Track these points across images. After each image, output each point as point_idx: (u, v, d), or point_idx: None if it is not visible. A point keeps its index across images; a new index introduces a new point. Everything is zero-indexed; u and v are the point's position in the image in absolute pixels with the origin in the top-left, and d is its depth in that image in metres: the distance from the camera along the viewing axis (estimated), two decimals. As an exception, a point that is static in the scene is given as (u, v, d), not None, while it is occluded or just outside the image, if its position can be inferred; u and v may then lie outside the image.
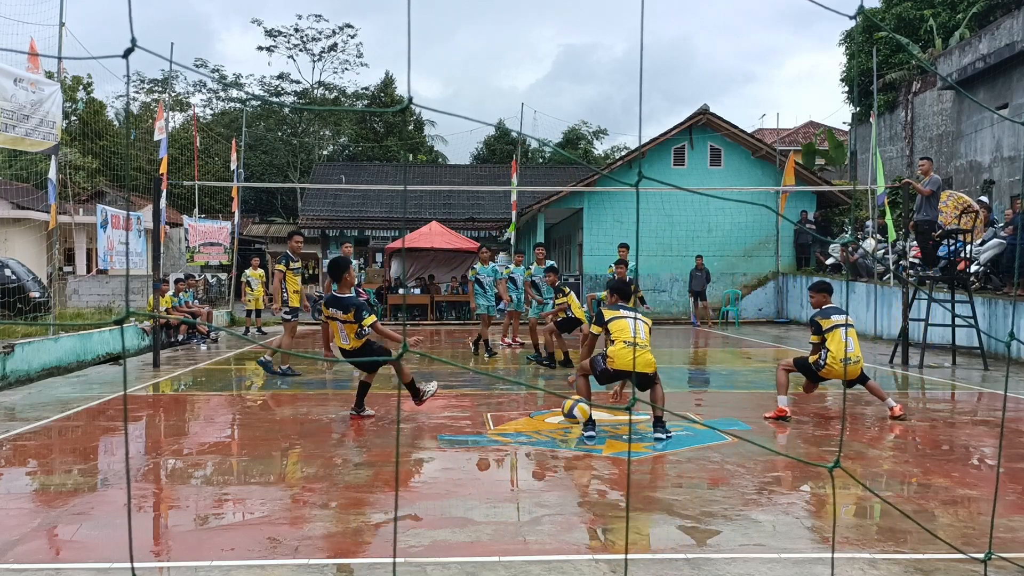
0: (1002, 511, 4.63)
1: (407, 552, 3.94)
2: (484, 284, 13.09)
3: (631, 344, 6.47)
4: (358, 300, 7.25)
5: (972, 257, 13.09)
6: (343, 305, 7.11)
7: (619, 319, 6.75)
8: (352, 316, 7.05)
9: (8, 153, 17.64)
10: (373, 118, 45.57)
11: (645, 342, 6.72)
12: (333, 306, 7.18)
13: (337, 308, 7.14)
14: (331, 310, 7.19)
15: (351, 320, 7.07)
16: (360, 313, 7.06)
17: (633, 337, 6.51)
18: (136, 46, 1.46)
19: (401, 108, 1.66)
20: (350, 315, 7.06)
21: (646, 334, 6.81)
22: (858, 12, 2.07)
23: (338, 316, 7.13)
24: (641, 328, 6.73)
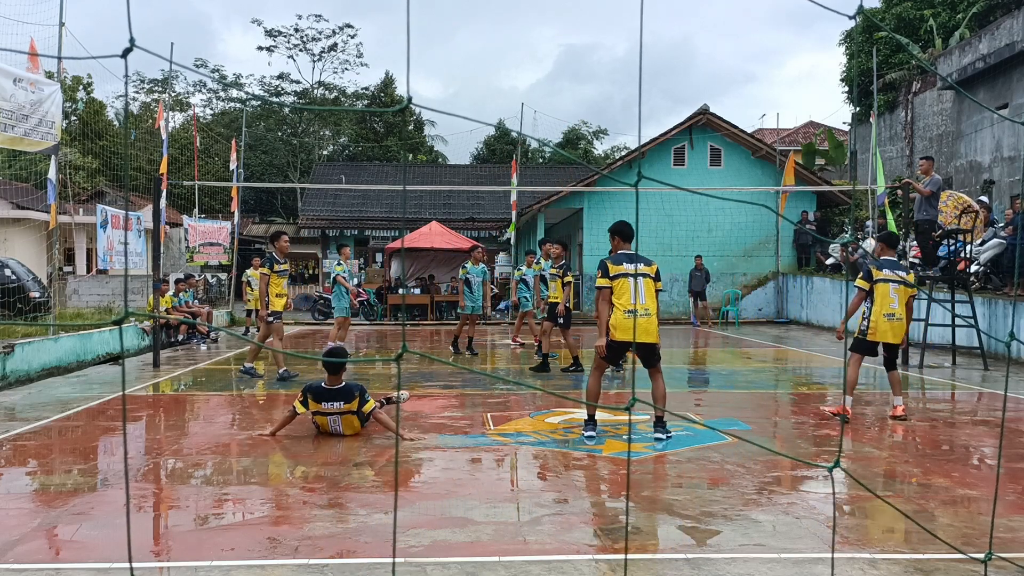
0: (1002, 511, 4.63)
1: (407, 552, 3.94)
2: (472, 284, 13.10)
3: (631, 313, 6.31)
4: (358, 384, 6.71)
5: (972, 257, 13.09)
6: (344, 393, 6.51)
7: (622, 277, 6.44)
8: (356, 403, 6.52)
9: (8, 153, 17.64)
10: (373, 118, 45.57)
11: (647, 307, 6.40)
12: (330, 399, 6.50)
13: (336, 400, 6.50)
14: (325, 404, 6.50)
15: (353, 410, 6.52)
16: (364, 396, 6.59)
17: (633, 304, 6.35)
18: (135, 46, 1.46)
19: (401, 108, 1.66)
20: (354, 403, 6.51)
21: (648, 297, 6.45)
22: (858, 12, 2.07)
23: (334, 409, 6.50)
24: (643, 290, 6.42)
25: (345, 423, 6.57)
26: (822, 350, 14.04)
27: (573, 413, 7.68)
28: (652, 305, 6.48)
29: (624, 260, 6.64)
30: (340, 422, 6.57)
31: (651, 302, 6.48)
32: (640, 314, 6.38)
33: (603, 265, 6.60)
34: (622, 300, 6.45)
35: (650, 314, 6.45)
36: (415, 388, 9.40)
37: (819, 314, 19.10)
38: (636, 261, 6.60)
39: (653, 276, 6.59)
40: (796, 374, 11.38)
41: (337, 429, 6.60)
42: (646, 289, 6.49)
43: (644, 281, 6.50)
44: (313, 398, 6.54)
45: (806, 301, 19.98)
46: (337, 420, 6.56)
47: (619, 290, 6.50)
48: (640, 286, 6.47)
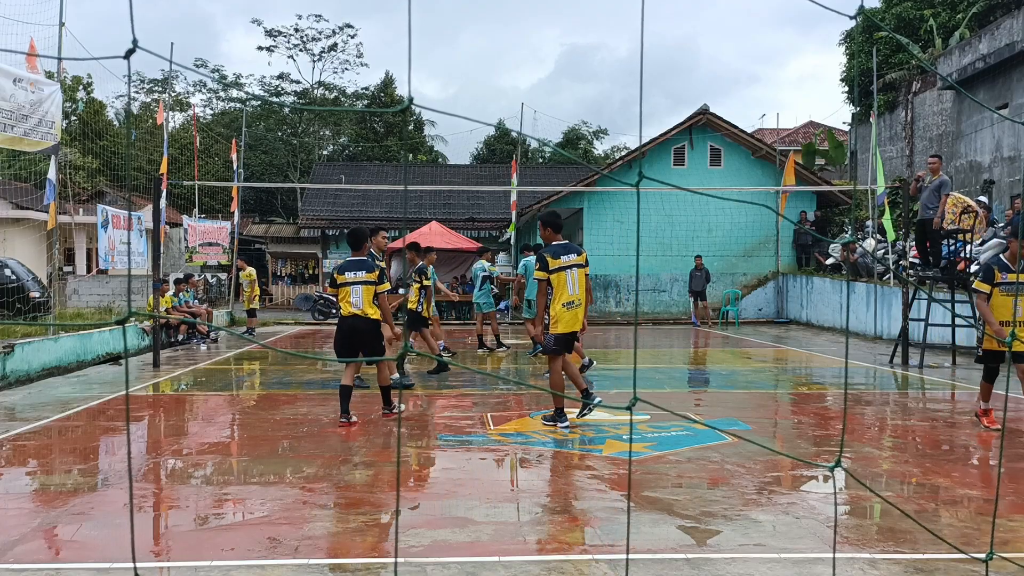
0: (1002, 511, 4.63)
1: (407, 552, 3.94)
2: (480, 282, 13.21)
3: (569, 305, 6.83)
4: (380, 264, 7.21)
5: (972, 257, 13.09)
6: (367, 265, 7.09)
7: (560, 271, 6.86)
8: (376, 276, 7.05)
9: (8, 153, 17.64)
10: (373, 118, 45.56)
11: (580, 297, 6.85)
12: (352, 269, 7.08)
13: (359, 269, 7.05)
14: (348, 274, 7.07)
15: (373, 280, 7.02)
16: (383, 276, 7.09)
17: (572, 295, 6.82)
18: (137, 47, 1.46)
19: (401, 108, 1.66)
20: (374, 275, 7.04)
21: (580, 288, 6.91)
22: (858, 12, 2.07)
23: (357, 278, 7.01)
24: (577, 281, 6.88)
25: (365, 297, 7.00)
26: (822, 350, 14.05)
27: (573, 413, 7.68)
28: (582, 294, 6.95)
29: (561, 252, 6.97)
30: (360, 294, 6.99)
31: (582, 292, 6.94)
32: (575, 304, 6.85)
33: (542, 258, 6.90)
34: (561, 294, 6.85)
35: (581, 304, 6.92)
36: (416, 388, 9.40)
37: (819, 314, 19.11)
38: (569, 252, 6.99)
39: (583, 264, 7.01)
40: (796, 374, 11.38)
41: (358, 302, 7.00)
42: (579, 280, 6.92)
43: (578, 272, 6.92)
44: (338, 272, 7.18)
45: (806, 301, 19.98)
46: (358, 291, 7.00)
47: (558, 283, 6.88)
48: (576, 277, 6.88)
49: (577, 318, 6.89)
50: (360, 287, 7.08)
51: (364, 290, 7.07)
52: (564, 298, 6.80)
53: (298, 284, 30.97)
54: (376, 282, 7.12)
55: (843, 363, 7.66)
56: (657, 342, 15.77)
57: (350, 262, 7.27)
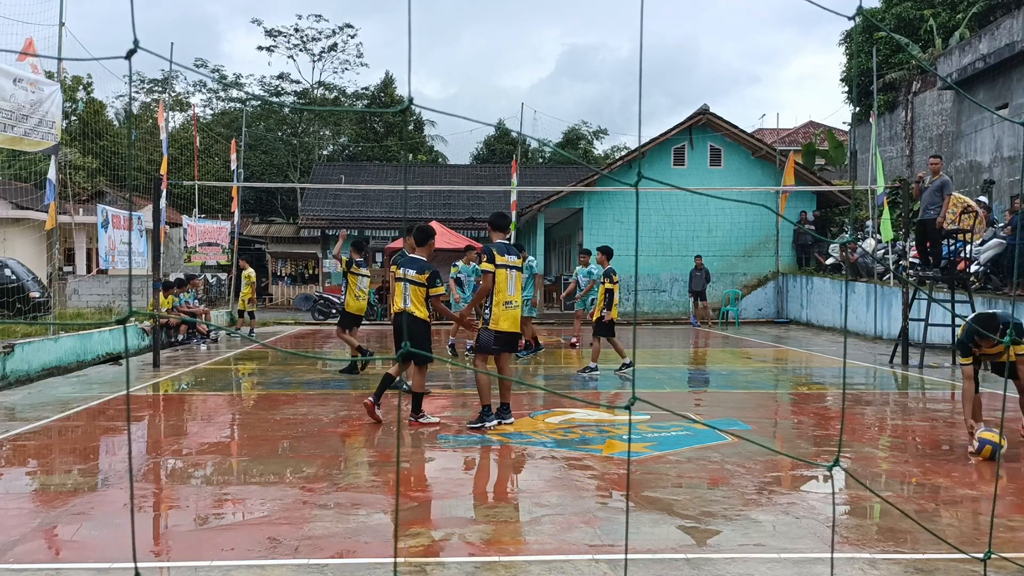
0: (1002, 511, 4.63)
1: (407, 552, 3.94)
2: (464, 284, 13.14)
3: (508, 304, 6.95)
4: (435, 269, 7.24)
5: (972, 257, 13.09)
6: (419, 265, 7.10)
7: (503, 268, 6.95)
8: (426, 279, 7.04)
9: (8, 153, 17.63)
10: (373, 118, 45.55)
11: (516, 298, 6.93)
12: (408, 266, 7.12)
13: (412, 268, 7.09)
14: (403, 270, 7.11)
15: (423, 283, 7.03)
16: (435, 279, 7.08)
17: (511, 295, 6.92)
18: (138, 47, 1.46)
19: (402, 109, 1.66)
20: (424, 276, 7.04)
21: (517, 289, 7.00)
22: (857, 12, 2.07)
23: (408, 276, 7.05)
24: (514, 283, 6.97)
25: (414, 295, 7.03)
26: (822, 350, 14.05)
27: (573, 413, 7.69)
28: (518, 296, 7.07)
29: (504, 251, 7.06)
30: (410, 292, 7.02)
31: (518, 294, 7.05)
32: (513, 305, 6.95)
33: (489, 251, 7.00)
34: (501, 292, 6.95)
35: (518, 305, 7.03)
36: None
37: (819, 314, 19.11)
38: (510, 252, 7.10)
39: (520, 268, 7.14)
40: (796, 374, 11.38)
41: (407, 300, 7.02)
42: (516, 281, 7.03)
43: (516, 274, 7.04)
44: (394, 262, 7.30)
45: (806, 301, 19.98)
46: (407, 288, 7.03)
47: (499, 281, 6.97)
48: (514, 278, 7.00)
49: (516, 319, 6.95)
50: (409, 286, 7.07)
51: (413, 289, 7.05)
52: (504, 297, 6.89)
53: (298, 284, 30.99)
54: (426, 284, 7.07)
55: (843, 363, 7.67)
56: (657, 342, 15.77)
57: (407, 258, 7.24)
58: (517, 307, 7.00)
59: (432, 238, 7.44)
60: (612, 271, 10.62)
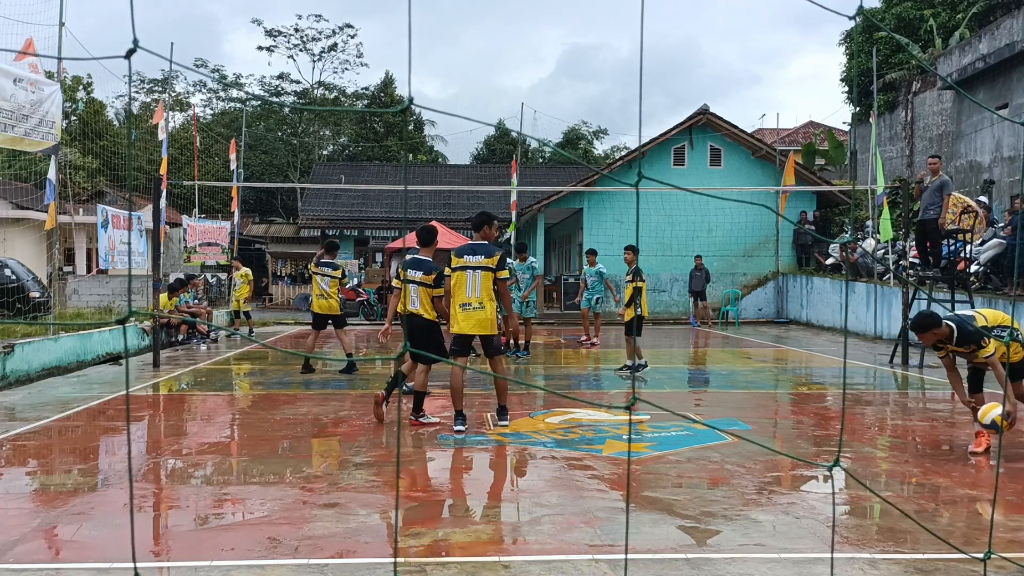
0: (1002, 511, 4.63)
1: (407, 552, 3.94)
2: None
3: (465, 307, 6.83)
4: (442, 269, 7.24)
5: (972, 257, 13.09)
6: (426, 267, 7.11)
7: (460, 270, 6.90)
8: (433, 280, 7.06)
9: (8, 153, 17.63)
10: (373, 118, 45.56)
11: (479, 300, 6.74)
12: (414, 267, 7.13)
13: (418, 269, 7.10)
14: (410, 272, 7.13)
15: (429, 284, 7.04)
16: (440, 280, 7.09)
17: (468, 297, 6.78)
18: (138, 47, 1.46)
19: (401, 109, 1.66)
20: (431, 277, 7.05)
21: (483, 291, 6.78)
22: (857, 12, 2.07)
23: (416, 278, 7.07)
24: (479, 284, 6.77)
25: (423, 298, 7.04)
26: (822, 350, 14.05)
27: (573, 413, 7.69)
28: (486, 298, 6.77)
29: (467, 252, 6.93)
30: (418, 295, 7.03)
31: (485, 295, 6.77)
32: (471, 307, 6.75)
33: (450, 255, 7.06)
34: (459, 294, 6.88)
35: (483, 307, 6.76)
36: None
37: (819, 314, 19.11)
38: (477, 253, 6.87)
39: (493, 268, 6.76)
40: (796, 374, 11.38)
41: (415, 303, 7.05)
42: (482, 282, 6.76)
43: (482, 275, 6.77)
44: (403, 267, 7.24)
45: (806, 301, 19.98)
46: (416, 291, 7.04)
47: (456, 283, 6.91)
48: (477, 279, 6.76)
49: (472, 320, 6.75)
50: (417, 287, 7.08)
51: (421, 291, 7.07)
52: (460, 299, 6.85)
53: (298, 284, 30.98)
54: (432, 285, 7.07)
55: (843, 363, 7.65)
56: (657, 342, 15.77)
57: (413, 260, 7.23)
58: (477, 309, 6.75)
59: (436, 238, 7.43)
60: (639, 269, 10.72)
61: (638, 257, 10.83)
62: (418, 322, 7.08)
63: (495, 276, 6.78)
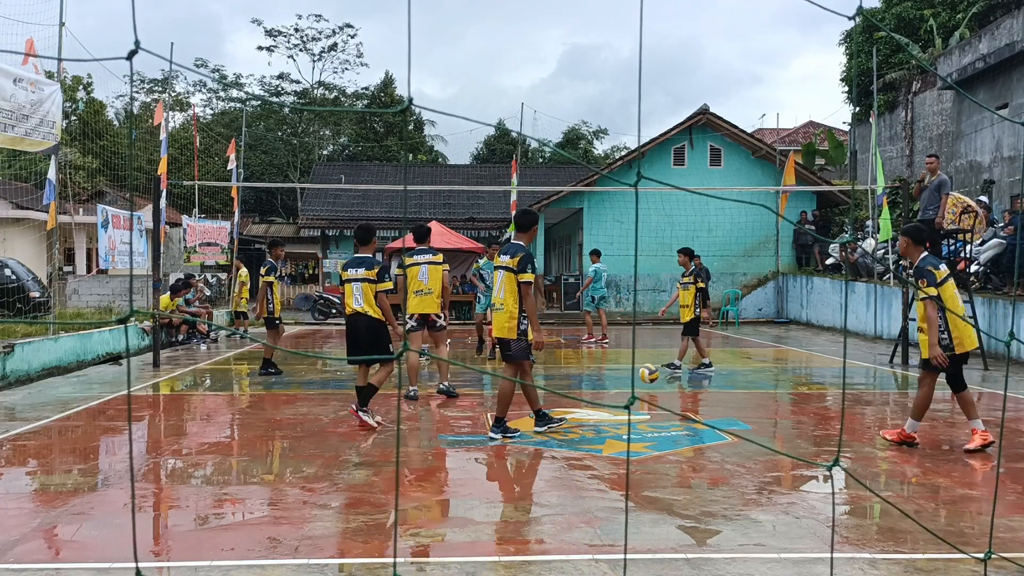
0: (1002, 511, 4.63)
1: (407, 552, 3.94)
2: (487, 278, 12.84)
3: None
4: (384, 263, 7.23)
5: (972, 257, 13.09)
6: (368, 263, 7.06)
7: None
8: (375, 274, 6.99)
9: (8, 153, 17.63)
10: (373, 118, 45.55)
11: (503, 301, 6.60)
12: (355, 266, 7.09)
13: (359, 267, 7.05)
14: (351, 270, 7.09)
15: (373, 279, 6.98)
16: (383, 275, 7.04)
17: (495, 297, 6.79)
18: (139, 48, 1.46)
19: (402, 109, 1.66)
20: (373, 272, 6.99)
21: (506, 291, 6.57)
22: (857, 12, 2.07)
23: (358, 276, 7.02)
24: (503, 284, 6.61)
25: (365, 295, 6.98)
26: (822, 350, 14.05)
27: (573, 413, 7.68)
28: (509, 299, 6.50)
29: (502, 251, 6.80)
30: (362, 293, 6.98)
31: (508, 296, 6.50)
32: (496, 308, 6.63)
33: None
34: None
35: (503, 308, 6.54)
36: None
37: (819, 314, 19.11)
38: (507, 252, 6.71)
39: (514, 268, 6.49)
40: (796, 374, 11.38)
41: (359, 300, 7.00)
42: (505, 283, 6.51)
43: (505, 275, 6.55)
44: (343, 267, 7.26)
45: (806, 301, 19.98)
46: (359, 288, 7.00)
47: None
48: (500, 279, 6.60)
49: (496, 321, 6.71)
50: (360, 284, 7.01)
51: (364, 288, 6.99)
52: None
53: (298, 284, 30.98)
54: (376, 280, 7.02)
55: (843, 363, 7.67)
56: (657, 342, 15.76)
57: (354, 258, 7.22)
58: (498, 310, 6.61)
59: (375, 236, 7.42)
60: (706, 269, 10.88)
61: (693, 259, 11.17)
62: (363, 321, 6.97)
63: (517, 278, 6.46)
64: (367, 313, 6.98)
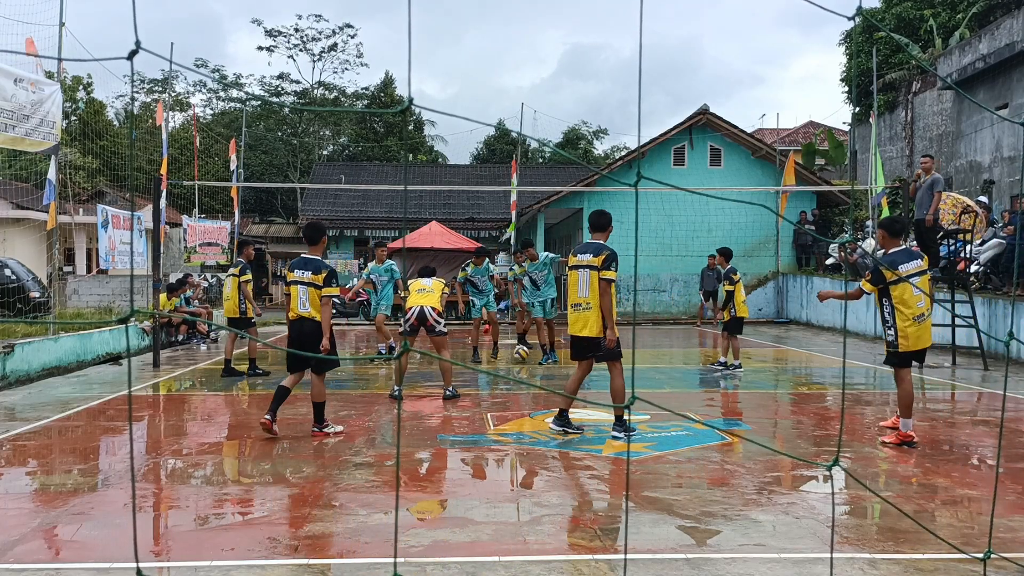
0: (1002, 511, 4.63)
1: (407, 552, 3.94)
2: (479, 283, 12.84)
3: (575, 307, 6.76)
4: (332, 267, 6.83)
5: (972, 257, 13.09)
6: (315, 266, 6.66)
7: (573, 269, 6.83)
8: (323, 279, 6.58)
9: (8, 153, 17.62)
10: (373, 118, 45.56)
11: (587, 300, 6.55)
12: (302, 268, 6.68)
13: (306, 269, 6.64)
14: (297, 272, 6.67)
15: (319, 284, 6.58)
16: (331, 279, 6.63)
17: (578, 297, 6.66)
18: (140, 48, 1.46)
19: (402, 110, 1.66)
20: (320, 276, 6.59)
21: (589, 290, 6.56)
22: (857, 13, 2.07)
23: (304, 279, 6.61)
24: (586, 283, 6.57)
25: (311, 299, 6.60)
26: (822, 350, 14.05)
27: (573, 413, 7.68)
28: (594, 298, 6.54)
29: (579, 251, 6.82)
30: (308, 296, 6.61)
31: (593, 295, 6.54)
32: (582, 308, 6.61)
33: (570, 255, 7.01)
34: (570, 294, 6.82)
35: (590, 307, 6.56)
36: (416, 388, 9.40)
37: (819, 314, 19.11)
38: (587, 251, 6.73)
39: (598, 266, 6.55)
40: (796, 374, 11.38)
41: (305, 305, 6.61)
42: (590, 282, 6.55)
43: (590, 274, 6.57)
44: (289, 268, 6.85)
45: (806, 301, 19.98)
46: (305, 292, 6.61)
47: (570, 283, 6.88)
48: (585, 279, 6.60)
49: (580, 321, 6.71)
50: (307, 288, 6.61)
51: (311, 292, 6.61)
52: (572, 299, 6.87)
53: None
54: (322, 284, 6.60)
55: (843, 363, 7.67)
56: (657, 342, 15.77)
57: (301, 259, 6.82)
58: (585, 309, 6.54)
59: (325, 235, 7.02)
60: (733, 271, 11.00)
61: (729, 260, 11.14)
62: (308, 326, 6.62)
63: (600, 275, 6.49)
64: (313, 318, 6.62)
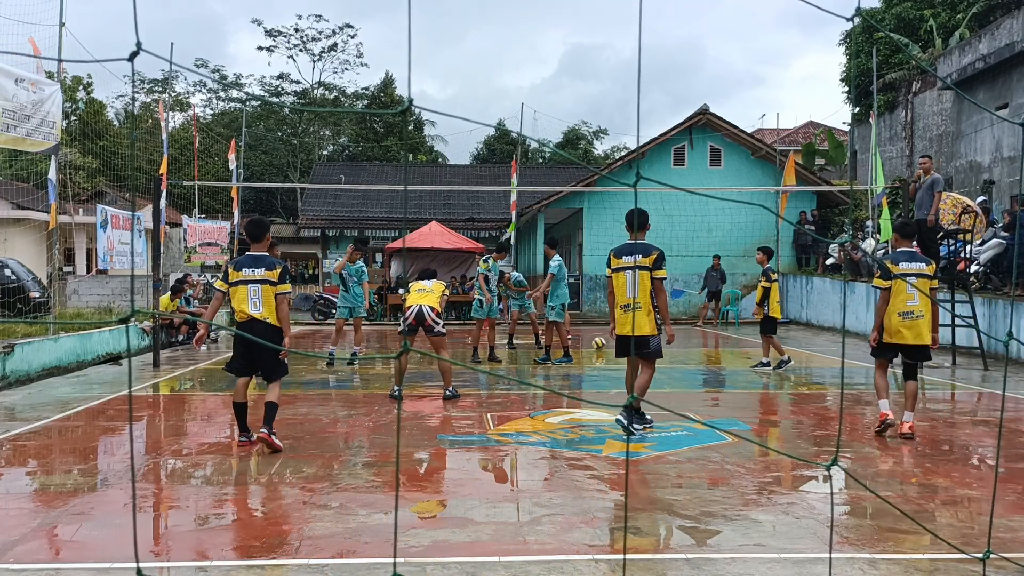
0: (1002, 511, 4.63)
1: (407, 552, 3.94)
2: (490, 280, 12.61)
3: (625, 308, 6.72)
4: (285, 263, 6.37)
5: (972, 257, 13.09)
6: (267, 263, 6.13)
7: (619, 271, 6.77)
8: (277, 276, 6.10)
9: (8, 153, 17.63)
10: (373, 118, 45.56)
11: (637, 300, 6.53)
12: (250, 266, 6.12)
13: (257, 267, 6.09)
14: (246, 271, 6.09)
15: (273, 280, 6.07)
16: (284, 276, 6.17)
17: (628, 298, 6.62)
18: (141, 49, 1.46)
19: (402, 110, 1.66)
20: (274, 273, 6.09)
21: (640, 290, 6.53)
22: (856, 13, 2.08)
23: (255, 276, 6.06)
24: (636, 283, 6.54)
25: (265, 299, 6.06)
26: (822, 350, 14.05)
27: (573, 413, 7.69)
28: (645, 296, 6.61)
29: (624, 252, 6.81)
30: (260, 294, 6.05)
31: (643, 295, 6.60)
32: (633, 308, 6.60)
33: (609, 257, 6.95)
34: (619, 296, 6.78)
35: (640, 307, 6.59)
36: (416, 388, 9.41)
37: (819, 314, 19.11)
38: (635, 252, 6.72)
39: (649, 266, 6.65)
40: (796, 374, 11.38)
41: (257, 305, 6.05)
42: (640, 282, 6.60)
43: (640, 274, 6.61)
44: (234, 268, 6.20)
45: (806, 301, 19.98)
46: (257, 291, 6.05)
47: (617, 285, 6.81)
48: (635, 279, 6.61)
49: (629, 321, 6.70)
50: (259, 287, 6.07)
51: (264, 290, 6.07)
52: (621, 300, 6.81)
53: (298, 284, 30.98)
54: (277, 281, 6.11)
55: (842, 363, 7.66)
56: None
57: (248, 257, 6.25)
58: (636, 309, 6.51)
59: (268, 231, 6.46)
60: (771, 270, 11.13)
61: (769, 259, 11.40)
62: (260, 329, 6.04)
63: (652, 275, 6.59)
64: (267, 320, 6.06)
